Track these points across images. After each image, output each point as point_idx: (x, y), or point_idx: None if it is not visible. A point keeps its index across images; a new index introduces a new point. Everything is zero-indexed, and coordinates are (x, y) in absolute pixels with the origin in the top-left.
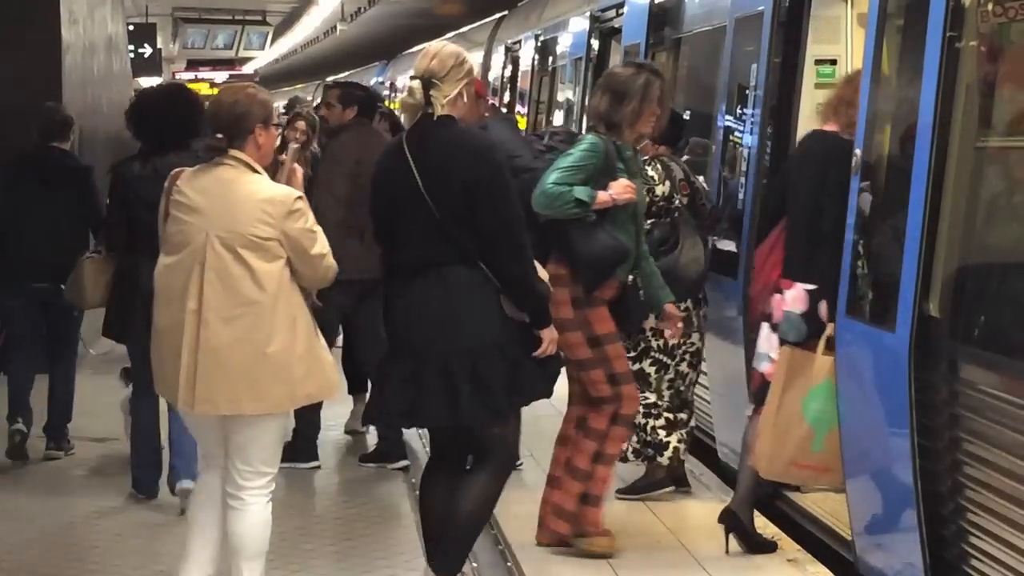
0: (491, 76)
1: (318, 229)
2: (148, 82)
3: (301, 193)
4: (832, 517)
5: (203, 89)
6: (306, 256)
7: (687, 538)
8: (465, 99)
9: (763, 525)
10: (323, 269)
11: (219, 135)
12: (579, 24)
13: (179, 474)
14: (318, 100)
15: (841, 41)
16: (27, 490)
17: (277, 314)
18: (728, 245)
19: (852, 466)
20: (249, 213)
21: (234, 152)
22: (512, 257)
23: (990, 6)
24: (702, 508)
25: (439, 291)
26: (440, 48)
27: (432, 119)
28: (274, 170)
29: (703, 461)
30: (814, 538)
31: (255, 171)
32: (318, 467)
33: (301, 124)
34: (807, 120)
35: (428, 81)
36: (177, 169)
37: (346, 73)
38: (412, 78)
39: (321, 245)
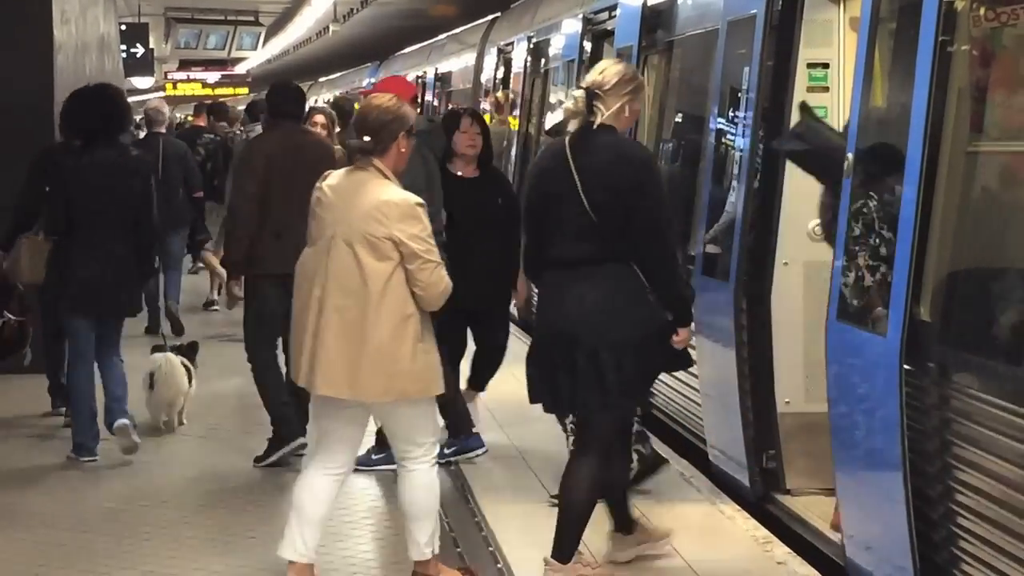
0: (483, 78)
1: (432, 240)
2: (140, 82)
3: (420, 200)
4: (822, 520)
5: (195, 89)
6: (414, 259)
7: (677, 540)
8: (628, 113)
9: (754, 527)
10: (434, 276)
11: (366, 138)
12: (572, 26)
13: (115, 415)
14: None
15: (833, 45)
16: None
17: (382, 311)
18: (719, 248)
19: (843, 469)
20: (368, 213)
21: (376, 160)
22: (662, 259)
23: (982, 11)
24: (693, 511)
25: (593, 286)
26: (609, 65)
27: (592, 127)
28: None
29: (694, 464)
30: (804, 541)
31: (387, 177)
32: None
33: (320, 118)
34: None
35: (593, 93)
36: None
37: (338, 74)
38: (579, 88)
39: (434, 255)
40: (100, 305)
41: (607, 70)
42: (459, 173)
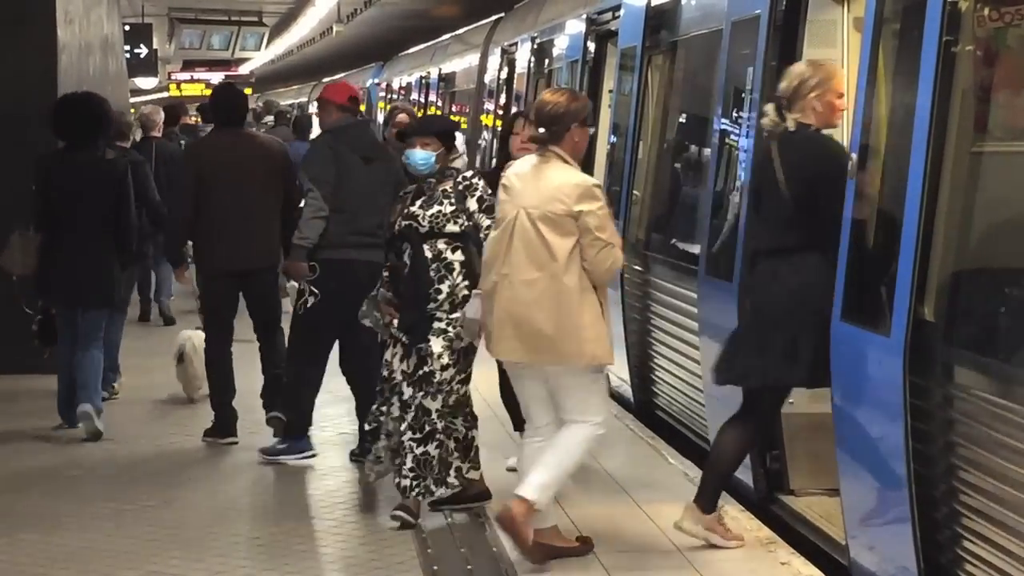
0: (487, 78)
1: (608, 219)
2: (144, 83)
3: (598, 182)
4: (826, 520)
5: (198, 90)
6: (587, 234)
7: (681, 540)
8: (820, 107)
9: (757, 527)
10: (601, 254)
11: (541, 130)
12: (575, 27)
13: (78, 400)
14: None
15: (837, 45)
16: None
17: (566, 282)
18: (723, 248)
19: (847, 469)
20: (550, 193)
21: (552, 147)
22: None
23: (986, 11)
24: None
25: (794, 272)
26: (789, 70)
27: (790, 131)
28: None
29: (697, 464)
30: (808, 541)
31: (567, 162)
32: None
33: (403, 117)
34: (532, 136)
35: (779, 101)
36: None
37: (342, 74)
38: (768, 102)
39: (609, 234)
40: (75, 296)
41: (788, 75)
42: None
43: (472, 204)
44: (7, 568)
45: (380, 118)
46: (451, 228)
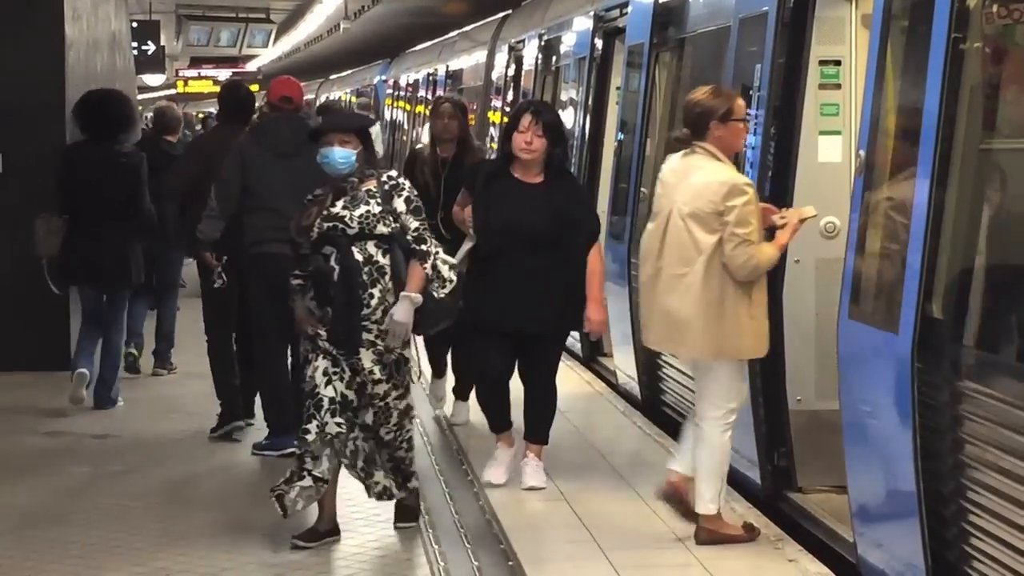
0: (494, 75)
1: (751, 216)
2: (152, 79)
3: (748, 180)
4: (834, 517)
5: (206, 87)
6: (727, 229)
7: (688, 537)
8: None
9: (764, 524)
10: (736, 251)
11: (685, 129)
12: (583, 24)
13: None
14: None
15: (845, 42)
16: None
17: (710, 278)
18: None
19: (855, 466)
20: (698, 190)
21: (700, 143)
22: None
23: (995, 8)
24: None
25: None
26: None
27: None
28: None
29: None
30: (816, 538)
31: (717, 159)
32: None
33: (447, 107)
34: (811, 121)
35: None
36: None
37: (349, 71)
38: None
39: (748, 231)
40: (95, 277)
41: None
42: (516, 175)
43: (400, 205)
44: (14, 564)
45: (387, 115)
46: (381, 229)
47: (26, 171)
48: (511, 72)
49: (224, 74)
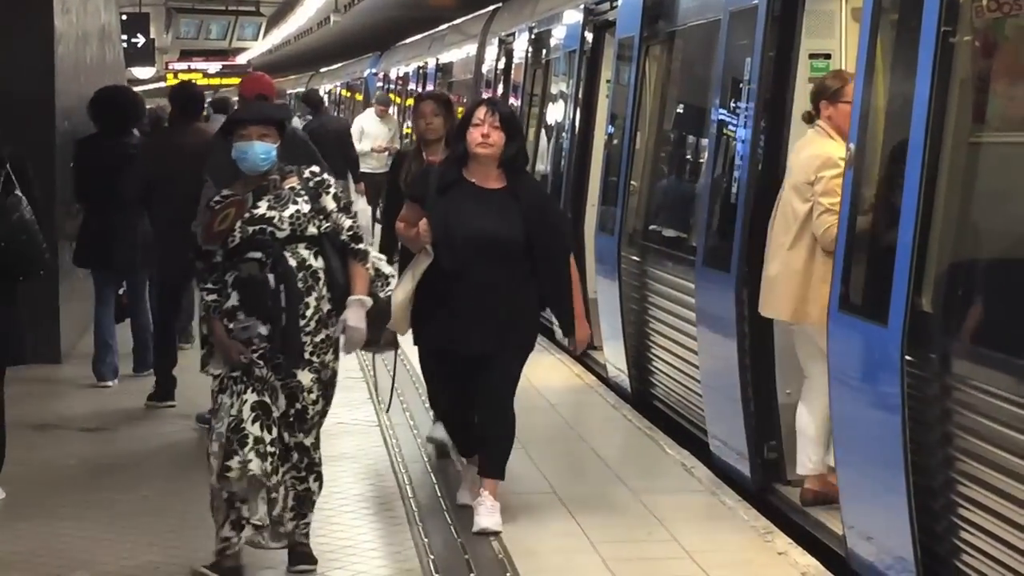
0: (484, 69)
1: (837, 188)
2: (141, 72)
3: (842, 154)
4: (823, 511)
5: (196, 79)
6: (815, 198)
7: (678, 529)
8: None
9: (754, 517)
10: (819, 219)
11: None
12: (573, 17)
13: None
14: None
15: (835, 35)
16: None
17: (799, 243)
18: (721, 239)
19: (844, 459)
20: (801, 163)
21: (818, 121)
22: None
23: (984, 1)
24: (694, 501)
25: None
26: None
27: None
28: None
29: (695, 454)
30: (805, 531)
31: (830, 136)
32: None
33: (429, 104)
34: (800, 114)
35: None
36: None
37: (338, 64)
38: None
39: (832, 201)
40: (108, 262)
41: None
42: (473, 180)
43: (329, 203)
44: (3, 557)
45: None
46: (312, 230)
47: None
48: (501, 65)
49: (214, 67)
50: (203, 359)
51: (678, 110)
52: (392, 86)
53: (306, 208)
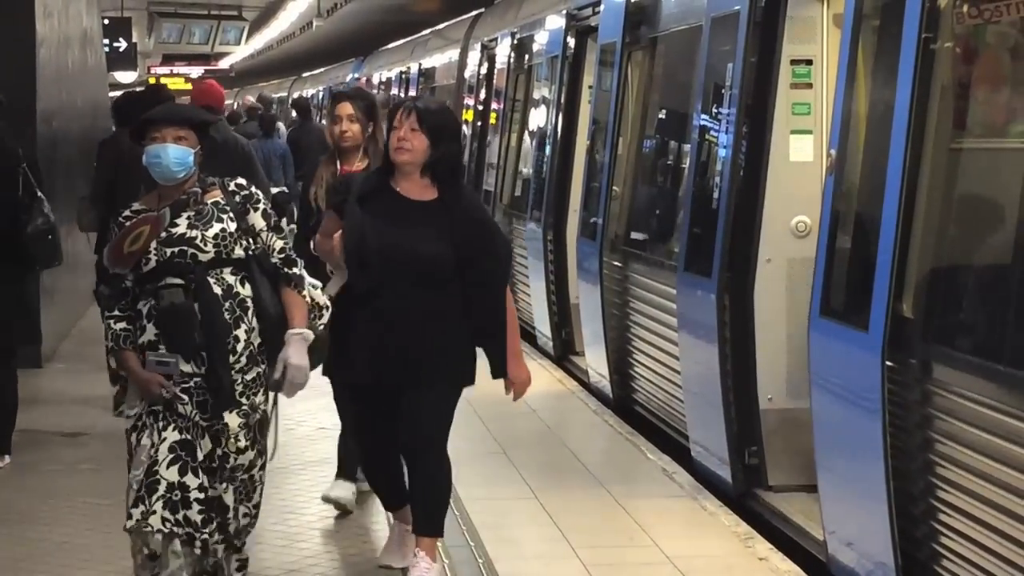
0: (467, 74)
1: None
2: (123, 77)
3: None
4: (804, 516)
5: (178, 84)
6: None
7: (659, 535)
8: None
9: (735, 523)
10: None
11: None
12: (555, 22)
13: None
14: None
15: (817, 41)
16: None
17: None
18: (702, 245)
19: (825, 465)
20: None
21: None
22: None
23: (965, 8)
24: (676, 506)
25: None
26: None
27: None
28: None
29: (677, 460)
30: (786, 537)
31: None
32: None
33: (346, 107)
34: (782, 120)
35: None
36: None
37: (321, 69)
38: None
39: None
40: None
41: None
42: (398, 190)
43: (258, 220)
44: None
45: None
46: (239, 253)
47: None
48: (484, 71)
49: (196, 71)
50: (115, 399)
51: (660, 116)
52: (375, 91)
53: (232, 227)
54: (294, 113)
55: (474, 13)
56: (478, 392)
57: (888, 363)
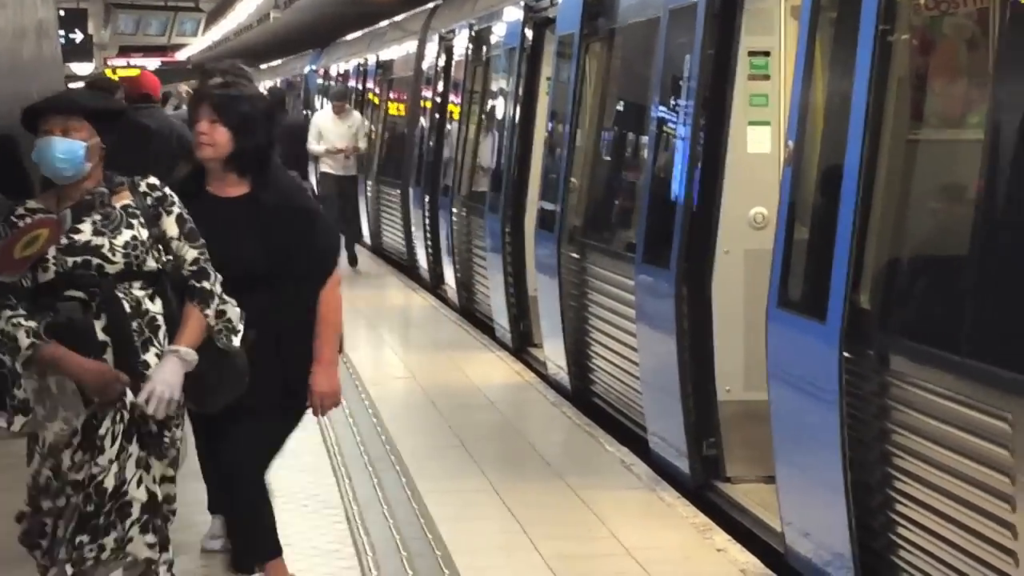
0: (425, 66)
1: None
2: (80, 69)
3: None
4: (762, 507)
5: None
6: None
7: (617, 527)
8: None
9: (693, 514)
10: None
11: None
12: (513, 14)
13: None
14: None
15: (774, 33)
16: None
17: None
18: (660, 236)
19: (783, 457)
20: None
21: None
22: None
23: (922, 0)
24: (633, 497)
25: None
26: None
27: None
28: None
29: (634, 451)
30: (744, 528)
31: None
32: None
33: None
34: (740, 112)
35: None
36: None
37: (279, 60)
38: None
39: None
40: None
41: None
42: (210, 190)
43: (170, 227)
44: None
45: (318, 104)
46: (150, 265)
47: None
48: (442, 63)
49: (153, 63)
50: (28, 422)
51: (618, 108)
52: (332, 83)
53: (144, 234)
54: None
55: (432, 4)
56: (436, 386)
57: (845, 354)
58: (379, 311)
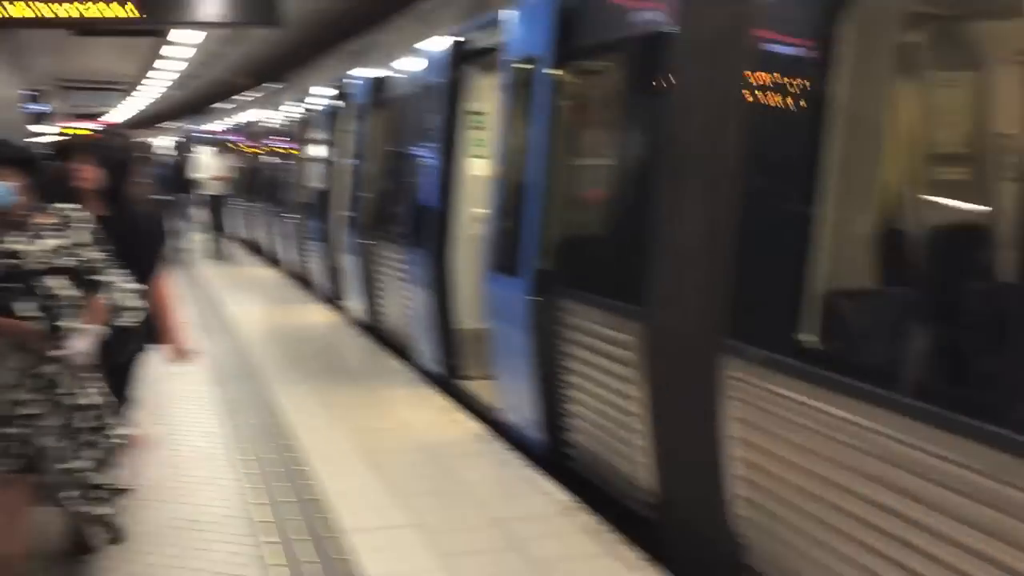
0: (266, 128)
1: None
2: (43, 130)
3: None
4: (486, 395)
5: (85, 133)
6: None
7: (396, 410)
8: None
9: (444, 400)
10: None
11: None
12: (332, 91)
13: None
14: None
15: (488, 100)
16: None
17: None
18: (422, 226)
19: (498, 363)
20: None
21: None
22: None
23: (569, 79)
24: (405, 392)
25: None
26: None
27: None
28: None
29: (408, 363)
30: (476, 408)
31: None
32: None
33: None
34: (467, 149)
35: None
36: None
37: (177, 124)
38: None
39: None
40: None
41: None
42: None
43: (83, 237)
44: None
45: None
46: (66, 262)
47: None
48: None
49: (97, 125)
50: None
51: (395, 148)
52: (210, 137)
53: (58, 243)
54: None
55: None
56: (285, 325)
57: (532, 298)
58: (238, 283)
